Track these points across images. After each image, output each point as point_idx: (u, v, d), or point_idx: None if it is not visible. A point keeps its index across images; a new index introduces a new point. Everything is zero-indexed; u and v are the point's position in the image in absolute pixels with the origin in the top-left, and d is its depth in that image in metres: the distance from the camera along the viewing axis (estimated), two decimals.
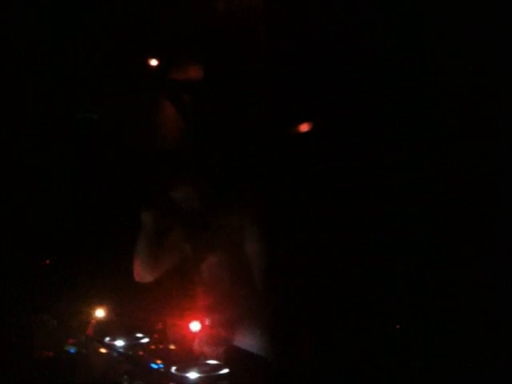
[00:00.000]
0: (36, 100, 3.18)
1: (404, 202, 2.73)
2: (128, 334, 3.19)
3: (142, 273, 3.24)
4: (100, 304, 3.25)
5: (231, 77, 3.31)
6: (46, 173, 3.35)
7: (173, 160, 3.31)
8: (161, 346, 3.10)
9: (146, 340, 3.16)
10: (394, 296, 2.70)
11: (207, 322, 3.01)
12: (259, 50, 3.30)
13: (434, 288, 2.51)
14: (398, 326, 2.74)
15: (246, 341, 2.94)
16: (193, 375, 2.85)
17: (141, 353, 3.10)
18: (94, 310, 3.24)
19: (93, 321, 3.20)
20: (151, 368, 2.97)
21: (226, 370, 2.91)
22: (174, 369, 2.93)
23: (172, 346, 3.09)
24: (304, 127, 3.21)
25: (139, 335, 3.19)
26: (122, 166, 3.42)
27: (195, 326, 3.05)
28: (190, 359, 2.99)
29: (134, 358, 3.07)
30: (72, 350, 3.11)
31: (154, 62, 3.39)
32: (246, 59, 3.30)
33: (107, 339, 3.18)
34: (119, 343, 3.16)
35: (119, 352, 3.11)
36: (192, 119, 3.35)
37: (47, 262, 3.31)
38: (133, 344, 3.14)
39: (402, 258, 2.71)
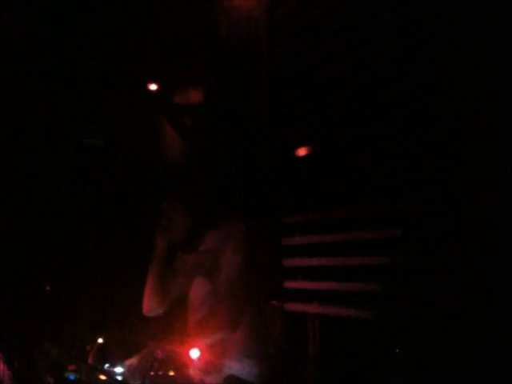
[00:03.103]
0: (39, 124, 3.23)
1: (408, 224, 2.67)
2: (128, 361, 3.15)
3: (152, 305, 3.17)
4: (100, 331, 3.23)
5: (232, 86, 3.32)
6: (49, 196, 3.36)
7: (178, 177, 3.30)
8: (160, 373, 3.05)
9: (145, 367, 3.12)
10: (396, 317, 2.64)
11: (206, 349, 2.96)
12: (260, 58, 3.32)
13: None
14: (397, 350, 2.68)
15: (247, 368, 2.88)
16: None
17: (141, 380, 3.06)
18: (94, 337, 3.22)
19: (93, 348, 3.18)
20: None
21: None
22: None
23: (171, 373, 3.04)
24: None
25: (139, 362, 3.15)
26: (126, 191, 3.42)
27: (195, 353, 3.00)
28: None
29: None
30: (72, 376, 3.09)
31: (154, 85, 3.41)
32: (247, 69, 3.31)
33: (107, 366, 3.15)
34: (119, 370, 3.13)
35: (119, 379, 3.08)
36: (194, 133, 3.36)
37: (47, 288, 3.31)
38: (132, 371, 3.10)
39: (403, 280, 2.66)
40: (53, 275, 3.29)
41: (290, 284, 3.05)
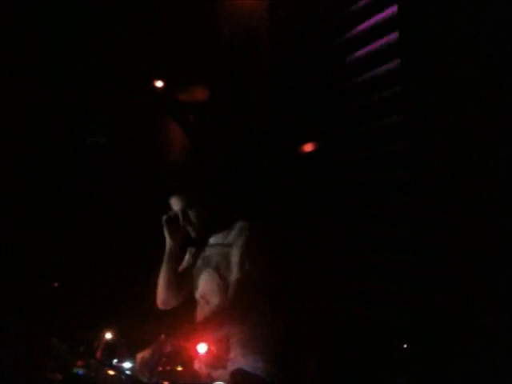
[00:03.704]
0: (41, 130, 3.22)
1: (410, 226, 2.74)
2: (137, 357, 3.20)
3: (166, 298, 3.19)
4: (108, 327, 3.27)
5: (233, 85, 3.33)
6: (55, 197, 3.37)
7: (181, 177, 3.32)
8: (168, 368, 3.11)
9: (154, 362, 3.17)
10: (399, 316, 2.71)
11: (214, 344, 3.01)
12: (260, 58, 3.32)
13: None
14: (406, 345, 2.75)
15: (253, 363, 2.95)
16: None
17: (148, 375, 3.11)
18: (102, 332, 3.26)
19: (101, 344, 3.22)
20: None
21: None
22: None
23: (179, 368, 3.09)
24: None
25: (148, 357, 3.20)
26: (131, 189, 3.44)
27: (202, 347, 3.04)
28: (196, 381, 2.99)
29: (141, 380, 3.08)
30: (80, 372, 3.13)
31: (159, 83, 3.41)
32: (248, 69, 3.32)
33: (115, 361, 3.19)
34: (127, 365, 3.17)
35: (127, 374, 3.12)
36: (197, 134, 3.37)
37: (55, 284, 3.34)
38: (141, 366, 3.15)
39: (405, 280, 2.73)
40: (56, 273, 3.31)
41: (291, 283, 3.12)
